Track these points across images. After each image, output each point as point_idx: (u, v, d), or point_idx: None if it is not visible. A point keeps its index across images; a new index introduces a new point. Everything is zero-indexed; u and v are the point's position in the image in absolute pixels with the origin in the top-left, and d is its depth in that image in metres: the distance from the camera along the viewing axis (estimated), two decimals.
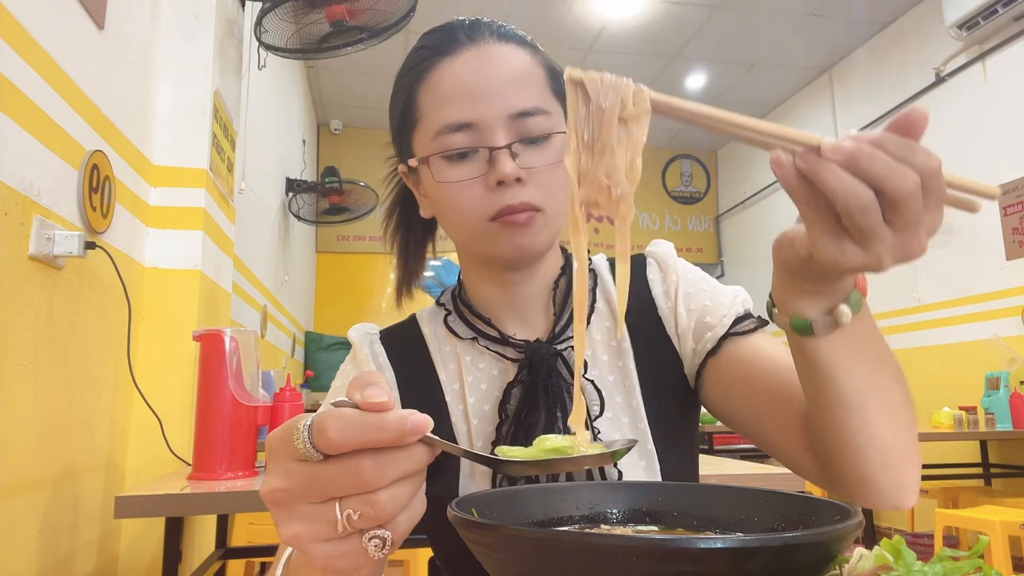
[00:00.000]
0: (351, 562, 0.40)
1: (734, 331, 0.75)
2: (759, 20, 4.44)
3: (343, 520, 0.39)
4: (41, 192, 1.33)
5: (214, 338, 1.48)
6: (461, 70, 0.71)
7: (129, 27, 1.79)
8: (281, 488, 0.40)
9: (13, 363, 1.26)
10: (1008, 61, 3.68)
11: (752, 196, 6.00)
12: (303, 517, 0.39)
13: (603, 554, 0.34)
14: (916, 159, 0.44)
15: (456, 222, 0.74)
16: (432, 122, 0.71)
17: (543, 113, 0.71)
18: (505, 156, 0.69)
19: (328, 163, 4.80)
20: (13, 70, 1.22)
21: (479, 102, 0.69)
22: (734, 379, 0.73)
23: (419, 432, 0.39)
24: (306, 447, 0.38)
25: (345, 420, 0.38)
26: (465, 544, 0.42)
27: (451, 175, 0.71)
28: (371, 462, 0.38)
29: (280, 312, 3.95)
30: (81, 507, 1.57)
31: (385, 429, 0.38)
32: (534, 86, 0.72)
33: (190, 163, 2.03)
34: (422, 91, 0.73)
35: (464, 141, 0.70)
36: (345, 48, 2.35)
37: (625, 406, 0.76)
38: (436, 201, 0.75)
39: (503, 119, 0.69)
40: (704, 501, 0.52)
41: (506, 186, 0.69)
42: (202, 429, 1.47)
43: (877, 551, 0.35)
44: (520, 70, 0.72)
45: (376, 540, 0.40)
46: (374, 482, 0.38)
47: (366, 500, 0.39)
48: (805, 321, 0.54)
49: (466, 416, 0.76)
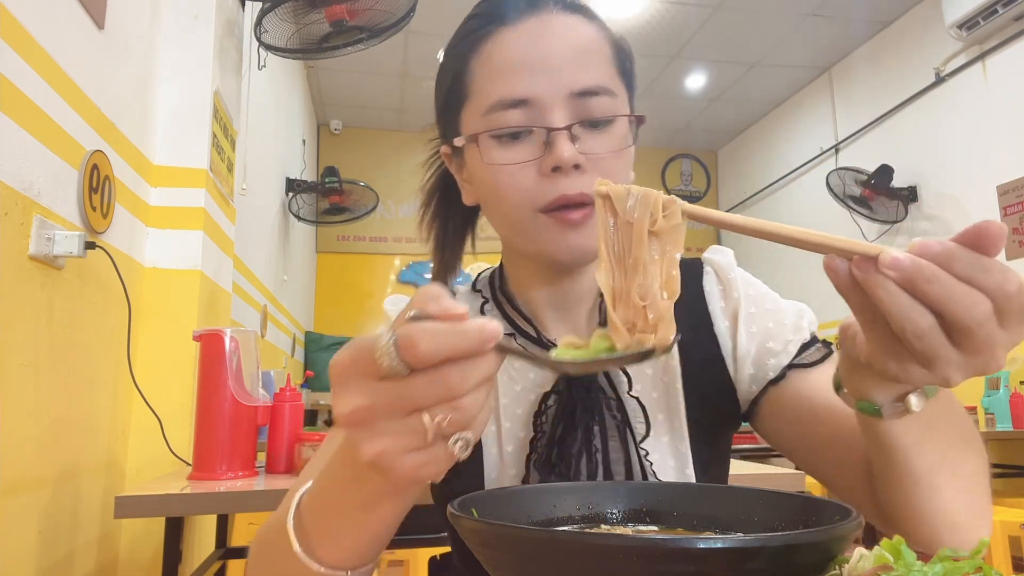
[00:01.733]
0: (438, 467, 0.41)
1: (800, 361, 0.69)
2: (759, 20, 4.44)
3: (433, 429, 0.39)
4: (41, 192, 1.33)
5: (214, 338, 1.48)
6: (519, 41, 0.64)
7: (129, 27, 1.79)
8: (363, 407, 0.40)
9: (13, 363, 1.26)
10: (1008, 61, 3.68)
11: (752, 196, 6.00)
12: (388, 432, 0.40)
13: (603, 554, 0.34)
14: (988, 281, 0.38)
15: (502, 211, 0.67)
16: (484, 97, 0.65)
17: (608, 93, 0.64)
18: (563, 138, 0.62)
19: (328, 163, 4.80)
20: (13, 70, 1.22)
21: (538, 77, 0.63)
22: (797, 414, 0.68)
23: (495, 339, 0.40)
24: (392, 363, 0.38)
25: (431, 332, 0.38)
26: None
27: (501, 156, 0.64)
28: (456, 371, 0.39)
29: (280, 312, 3.95)
30: (81, 507, 1.57)
31: (467, 338, 0.39)
32: (599, 63, 0.66)
33: (190, 163, 2.03)
34: (475, 63, 0.66)
35: (519, 119, 0.63)
36: (345, 48, 2.35)
37: (667, 426, 0.71)
38: (482, 186, 0.68)
39: (563, 97, 0.63)
40: (704, 501, 0.52)
41: (562, 173, 0.62)
42: (202, 429, 1.47)
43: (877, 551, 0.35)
44: (585, 44, 0.65)
45: (461, 442, 0.41)
46: (460, 389, 0.39)
47: (452, 406, 0.39)
48: (873, 406, 0.49)
49: (497, 418, 0.72)
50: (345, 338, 5.24)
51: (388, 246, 6.00)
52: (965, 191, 3.91)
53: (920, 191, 4.20)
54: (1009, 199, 3.65)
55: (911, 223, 4.25)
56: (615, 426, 0.68)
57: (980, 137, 3.82)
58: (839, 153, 4.89)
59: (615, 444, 0.68)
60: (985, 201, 3.72)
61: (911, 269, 0.39)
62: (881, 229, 4.38)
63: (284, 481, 1.42)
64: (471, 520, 0.41)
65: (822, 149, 5.05)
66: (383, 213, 5.85)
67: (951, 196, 4.01)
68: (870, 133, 4.63)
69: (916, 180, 4.21)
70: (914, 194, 4.21)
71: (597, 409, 0.68)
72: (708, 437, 0.71)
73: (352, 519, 0.47)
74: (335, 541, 0.48)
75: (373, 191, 4.49)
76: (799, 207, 5.39)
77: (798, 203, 5.41)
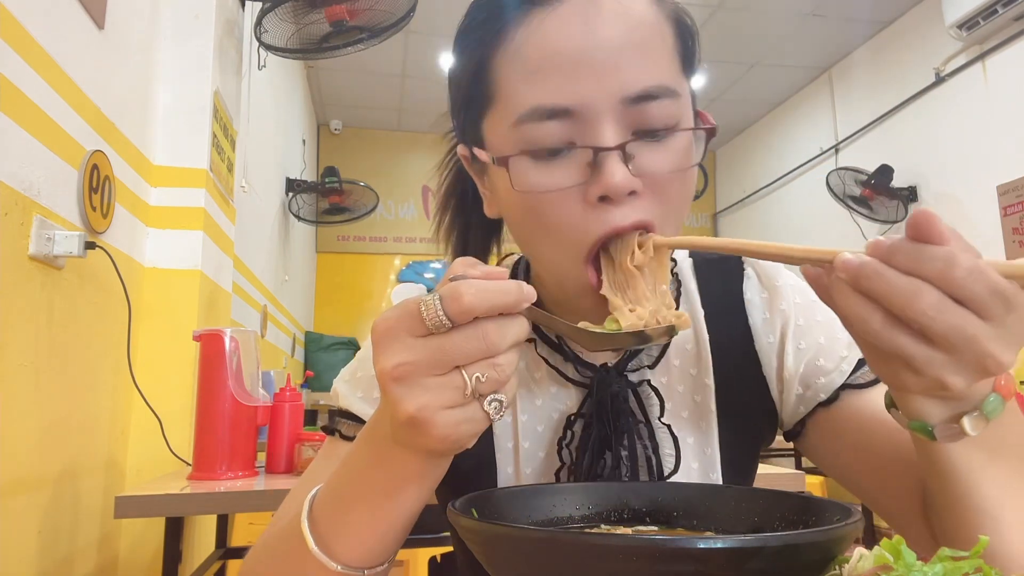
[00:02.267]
0: (474, 427, 0.43)
1: (854, 381, 0.63)
2: (759, 20, 4.44)
3: (472, 384, 0.41)
4: (41, 192, 1.33)
5: (214, 338, 1.48)
6: (559, 29, 0.50)
7: (129, 27, 1.79)
8: (406, 362, 0.41)
9: (13, 363, 1.26)
10: (1008, 61, 3.68)
11: (751, 195, 6.00)
12: (429, 388, 0.41)
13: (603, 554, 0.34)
14: (931, 269, 0.37)
15: (542, 252, 0.56)
16: (514, 103, 0.51)
17: (669, 95, 0.51)
18: (615, 160, 0.50)
19: (328, 163, 4.80)
20: (13, 70, 1.22)
21: (582, 77, 0.49)
22: (852, 438, 0.63)
23: (531, 299, 0.42)
24: (438, 316, 0.40)
25: (476, 287, 0.40)
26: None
27: (536, 181, 0.51)
28: (494, 326, 0.41)
29: (280, 312, 3.94)
30: (81, 507, 1.57)
31: (509, 293, 0.41)
32: (661, 53, 0.52)
33: (190, 163, 2.03)
34: (501, 57, 0.53)
35: (558, 133, 0.51)
36: (345, 48, 2.35)
37: (697, 451, 0.64)
38: (511, 210, 0.56)
39: (614, 103, 0.50)
40: (704, 501, 0.52)
41: (612, 202, 0.51)
42: (202, 429, 1.47)
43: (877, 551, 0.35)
44: (642, 27, 0.51)
45: (495, 403, 0.42)
46: (498, 346, 0.41)
47: (490, 364, 0.41)
48: (926, 426, 0.45)
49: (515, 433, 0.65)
50: (345, 338, 5.27)
51: (388, 246, 6.00)
52: (965, 191, 3.90)
53: (920, 191, 4.20)
54: (1009, 199, 3.65)
55: None
56: (645, 457, 0.62)
57: (980, 137, 3.82)
58: (839, 153, 4.88)
59: (644, 476, 0.63)
60: (985, 201, 3.72)
61: (856, 268, 0.39)
62: (881, 229, 4.38)
63: (284, 481, 1.42)
64: (471, 520, 0.41)
65: (822, 149, 5.05)
66: (383, 213, 5.84)
67: (951, 196, 4.01)
68: (870, 133, 4.63)
69: (916, 180, 4.21)
70: (914, 194, 4.21)
71: (627, 437, 0.62)
72: (740, 461, 0.66)
73: (374, 506, 0.47)
74: (354, 534, 0.47)
75: (373, 191, 4.48)
76: (799, 207, 5.39)
77: (798, 203, 5.40)
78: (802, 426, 0.66)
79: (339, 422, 0.67)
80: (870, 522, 2.88)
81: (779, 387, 0.65)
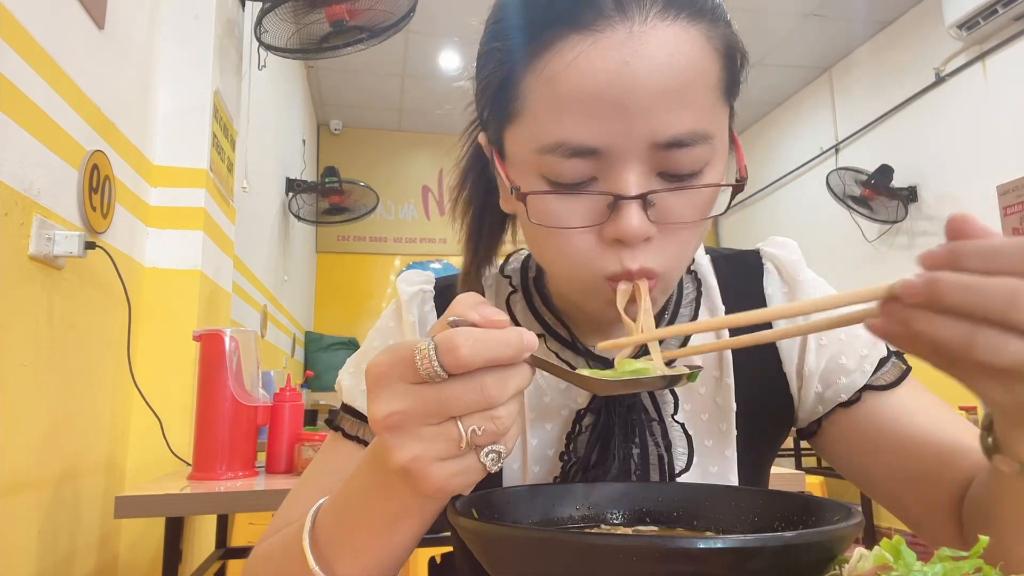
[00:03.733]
0: (468, 478, 0.41)
1: (876, 382, 0.62)
2: (759, 20, 4.44)
3: (468, 437, 0.39)
4: (41, 192, 1.33)
5: (214, 338, 1.48)
6: (595, 66, 0.47)
7: (129, 27, 1.79)
8: (399, 411, 0.39)
9: (13, 363, 1.26)
10: (1008, 61, 3.68)
11: (752, 196, 6.00)
12: (422, 438, 0.39)
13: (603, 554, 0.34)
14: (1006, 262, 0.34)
15: (555, 272, 0.58)
16: (540, 130, 0.50)
17: (703, 140, 0.49)
18: (635, 208, 0.49)
19: (328, 163, 4.80)
20: (13, 70, 1.22)
21: (613, 119, 0.47)
22: (873, 442, 0.61)
23: (532, 349, 0.40)
24: (433, 367, 0.38)
25: (474, 337, 0.38)
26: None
27: (554, 211, 0.51)
28: (493, 379, 0.39)
29: (280, 312, 3.94)
30: (81, 507, 1.57)
31: (509, 345, 0.39)
32: (701, 95, 0.49)
33: (190, 163, 2.03)
34: (531, 78, 0.50)
35: (581, 169, 0.49)
36: (345, 48, 2.35)
37: (716, 453, 0.63)
38: (525, 226, 0.56)
39: (642, 147, 0.48)
40: (704, 501, 0.52)
41: (625, 244, 0.50)
42: (202, 429, 1.47)
43: (877, 551, 0.35)
44: (685, 70, 0.48)
45: (493, 454, 0.40)
46: (497, 398, 0.39)
47: (488, 416, 0.39)
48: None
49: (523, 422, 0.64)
50: (345, 338, 5.27)
51: (388, 246, 6.00)
52: (965, 191, 3.90)
53: (920, 191, 4.20)
54: (1009, 199, 3.65)
55: (911, 223, 4.25)
56: (657, 455, 0.61)
57: (980, 137, 3.82)
58: (839, 153, 4.88)
59: (655, 475, 0.61)
60: (985, 201, 3.72)
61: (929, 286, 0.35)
62: (881, 229, 4.38)
63: (284, 481, 1.42)
64: (471, 520, 0.41)
65: (822, 149, 5.05)
66: (383, 213, 5.84)
67: (951, 196, 4.01)
68: (870, 133, 4.63)
69: (916, 180, 4.21)
70: (914, 194, 4.21)
71: (638, 433, 0.61)
72: (757, 461, 0.65)
73: (375, 534, 0.46)
74: (354, 558, 0.47)
75: (373, 191, 4.48)
76: (799, 207, 5.39)
77: (798, 203, 5.40)
78: (818, 425, 0.65)
79: (342, 418, 0.66)
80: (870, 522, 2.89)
81: (798, 383, 0.64)
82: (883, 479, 0.62)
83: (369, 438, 0.64)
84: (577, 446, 0.62)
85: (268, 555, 0.54)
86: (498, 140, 0.56)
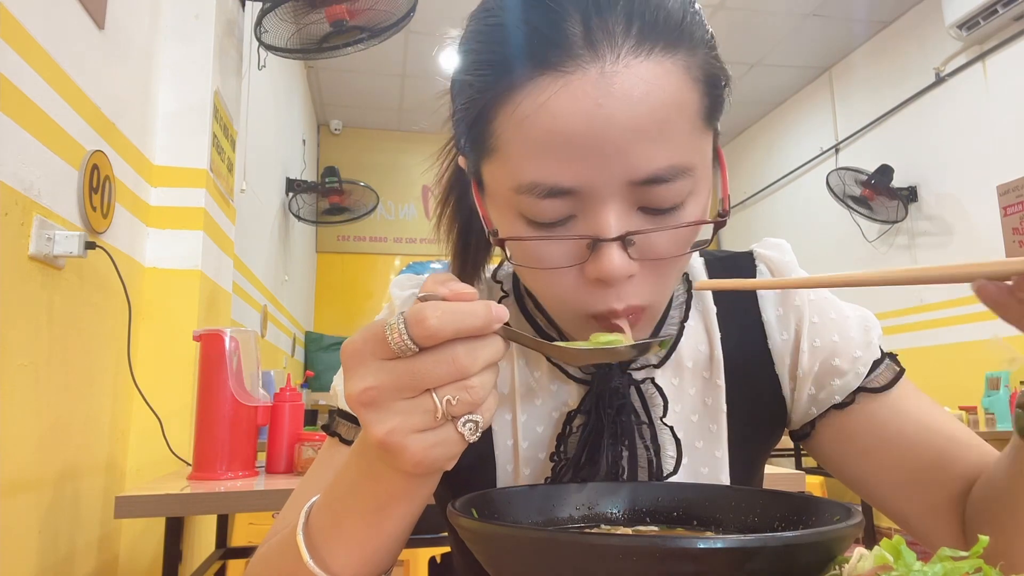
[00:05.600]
0: (448, 449, 0.41)
1: (870, 384, 0.62)
2: (759, 20, 4.44)
3: (443, 407, 0.40)
4: (41, 192, 1.33)
5: (214, 338, 1.48)
6: (567, 108, 0.45)
7: (129, 27, 1.79)
8: (373, 386, 0.40)
9: (13, 363, 1.26)
10: (1008, 61, 3.68)
11: (752, 196, 6.00)
12: (398, 412, 0.40)
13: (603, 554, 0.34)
14: None
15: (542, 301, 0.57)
16: (513, 170, 0.48)
17: (682, 175, 0.47)
18: (614, 248, 0.47)
19: (328, 163, 4.80)
20: (13, 70, 1.22)
21: (588, 160, 0.45)
22: (867, 445, 0.61)
23: (501, 320, 0.41)
24: (403, 340, 0.39)
25: (442, 309, 0.39)
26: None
27: (534, 252, 0.51)
28: (464, 349, 0.40)
29: (280, 312, 3.94)
30: (81, 507, 1.57)
31: (477, 316, 0.40)
32: (679, 130, 0.47)
33: (190, 163, 2.03)
34: (503, 117, 0.48)
35: (558, 210, 0.48)
36: (345, 48, 2.35)
37: (707, 455, 0.62)
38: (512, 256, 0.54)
39: (620, 186, 0.47)
40: (704, 501, 0.52)
41: (609, 285, 0.49)
42: (202, 429, 1.47)
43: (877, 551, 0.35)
44: (662, 105, 0.45)
45: (470, 424, 0.41)
46: (469, 368, 0.40)
47: (462, 386, 0.40)
48: None
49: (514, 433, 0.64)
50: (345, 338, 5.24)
51: (388, 246, 6.00)
52: (965, 191, 3.90)
53: (920, 191, 4.20)
54: (1009, 199, 3.65)
55: (911, 223, 4.25)
56: (646, 459, 0.61)
57: (980, 137, 3.82)
58: (839, 153, 4.88)
59: (644, 477, 0.61)
60: (985, 201, 3.72)
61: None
62: (881, 229, 4.38)
63: (284, 481, 1.42)
64: (471, 520, 0.41)
65: (822, 149, 5.05)
66: (383, 213, 5.85)
67: (951, 196, 4.01)
68: (870, 133, 4.63)
69: (916, 180, 4.21)
70: (914, 194, 4.21)
71: (627, 435, 0.60)
72: (749, 465, 0.65)
73: (365, 521, 0.47)
74: (347, 548, 0.47)
75: (373, 191, 4.48)
76: (799, 207, 5.39)
77: (798, 203, 5.40)
78: (811, 427, 0.65)
79: (338, 423, 0.66)
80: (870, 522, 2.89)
81: (791, 385, 0.64)
82: (878, 481, 0.62)
83: None
84: (567, 447, 0.62)
85: (267, 556, 0.55)
86: (476, 172, 0.54)
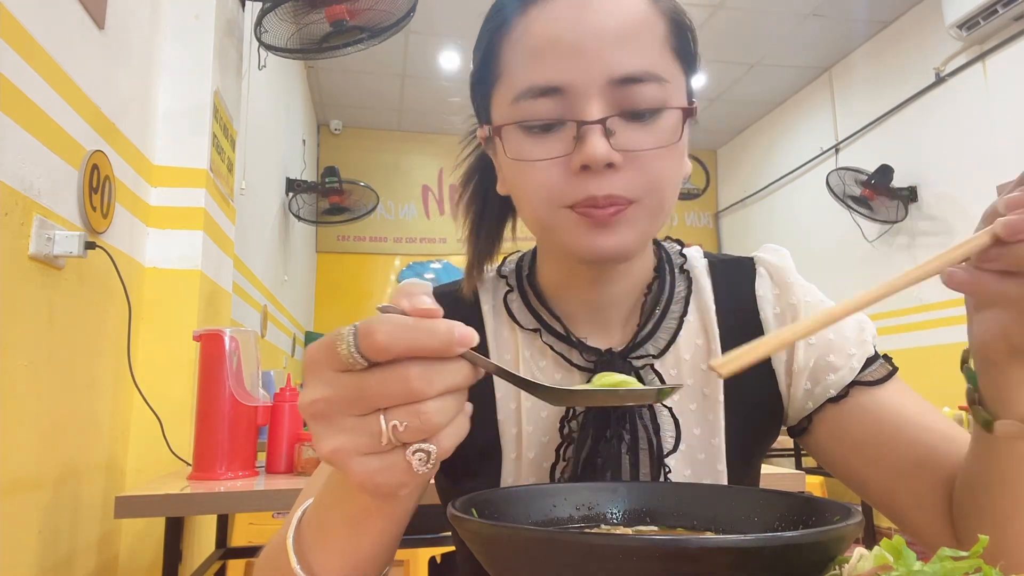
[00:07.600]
0: (393, 477, 0.38)
1: (864, 378, 0.64)
2: (759, 20, 4.44)
3: (388, 432, 0.37)
4: (41, 192, 1.33)
5: (214, 338, 1.48)
6: (553, 19, 0.56)
7: (129, 27, 1.79)
8: (321, 399, 0.38)
9: (13, 363, 1.26)
10: (1008, 61, 3.68)
11: (751, 195, 6.00)
12: (345, 430, 0.38)
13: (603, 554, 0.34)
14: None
15: (526, 208, 0.61)
16: (513, 82, 0.57)
17: (654, 79, 0.56)
18: (595, 134, 0.54)
19: (328, 163, 4.80)
20: (13, 70, 1.22)
21: (572, 61, 0.55)
22: (862, 438, 0.63)
23: (465, 344, 0.38)
24: (351, 353, 0.36)
25: (394, 324, 0.37)
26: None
27: (527, 151, 0.57)
28: (418, 369, 0.37)
29: (280, 312, 3.94)
30: (81, 507, 1.57)
31: (435, 335, 0.37)
32: (648, 43, 0.56)
33: (190, 163, 2.03)
34: (505, 43, 0.59)
35: (549, 110, 0.56)
36: (345, 48, 2.35)
37: (704, 442, 0.65)
38: (509, 179, 0.61)
39: (600, 84, 0.55)
40: (704, 501, 0.52)
41: (592, 172, 0.55)
42: (202, 429, 1.47)
43: (877, 551, 0.35)
44: (632, 20, 0.56)
45: (420, 454, 0.38)
46: (421, 391, 0.36)
47: (412, 411, 0.37)
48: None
49: (518, 420, 0.65)
50: None
51: (388, 246, 6.00)
52: (965, 191, 3.90)
53: (920, 191, 4.20)
54: None
55: (911, 223, 4.25)
56: (646, 438, 0.63)
57: (980, 137, 3.82)
58: (839, 153, 4.88)
59: (645, 457, 0.62)
60: (985, 201, 3.65)
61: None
62: (881, 229, 4.38)
63: (284, 481, 1.42)
64: (471, 520, 0.41)
65: (822, 149, 5.05)
66: (383, 213, 5.84)
67: (951, 196, 4.01)
68: (870, 133, 4.63)
69: (916, 180, 4.21)
70: (914, 194, 4.21)
71: (628, 417, 0.62)
72: (746, 455, 0.66)
73: (343, 536, 0.46)
74: (328, 559, 0.47)
75: (373, 191, 4.48)
76: (799, 207, 5.39)
77: (798, 203, 5.40)
78: (808, 422, 0.67)
79: None
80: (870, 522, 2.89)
81: (787, 380, 0.66)
82: (872, 473, 0.63)
83: None
84: (571, 430, 0.63)
85: (267, 556, 0.55)
86: (487, 114, 0.63)
